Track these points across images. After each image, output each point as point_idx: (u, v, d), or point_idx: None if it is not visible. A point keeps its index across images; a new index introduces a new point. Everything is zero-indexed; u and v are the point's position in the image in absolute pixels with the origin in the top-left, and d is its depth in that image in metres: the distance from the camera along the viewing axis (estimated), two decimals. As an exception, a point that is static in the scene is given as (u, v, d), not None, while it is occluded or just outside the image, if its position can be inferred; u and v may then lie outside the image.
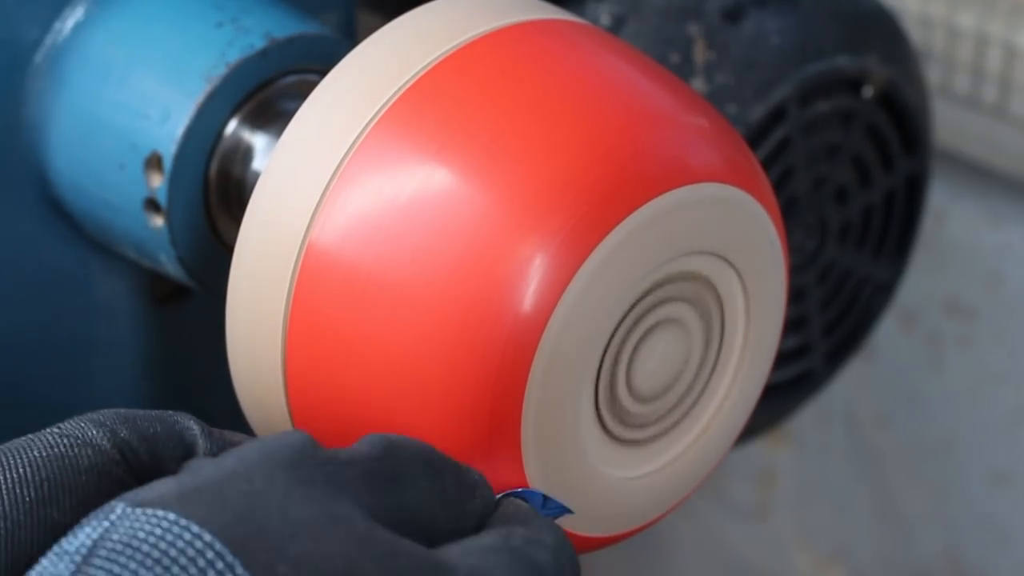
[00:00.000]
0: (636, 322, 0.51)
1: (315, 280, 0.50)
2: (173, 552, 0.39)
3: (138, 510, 0.40)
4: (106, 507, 0.41)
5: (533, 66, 0.51)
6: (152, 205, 0.58)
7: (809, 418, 1.11)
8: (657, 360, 0.53)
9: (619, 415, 0.52)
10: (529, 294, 0.48)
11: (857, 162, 0.75)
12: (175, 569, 0.38)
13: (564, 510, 0.50)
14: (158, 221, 0.58)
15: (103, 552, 0.39)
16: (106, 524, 0.40)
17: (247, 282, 0.52)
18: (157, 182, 0.57)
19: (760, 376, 0.57)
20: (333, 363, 0.50)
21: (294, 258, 0.51)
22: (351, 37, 0.66)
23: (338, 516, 0.41)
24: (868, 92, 0.73)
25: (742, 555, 1.20)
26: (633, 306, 0.51)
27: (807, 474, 1.15)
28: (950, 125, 0.97)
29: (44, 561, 0.40)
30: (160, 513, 0.39)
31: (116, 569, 0.38)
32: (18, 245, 0.61)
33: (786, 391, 0.77)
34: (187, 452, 0.46)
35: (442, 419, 0.49)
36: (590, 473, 0.52)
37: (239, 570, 0.39)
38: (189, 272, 0.59)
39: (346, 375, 0.50)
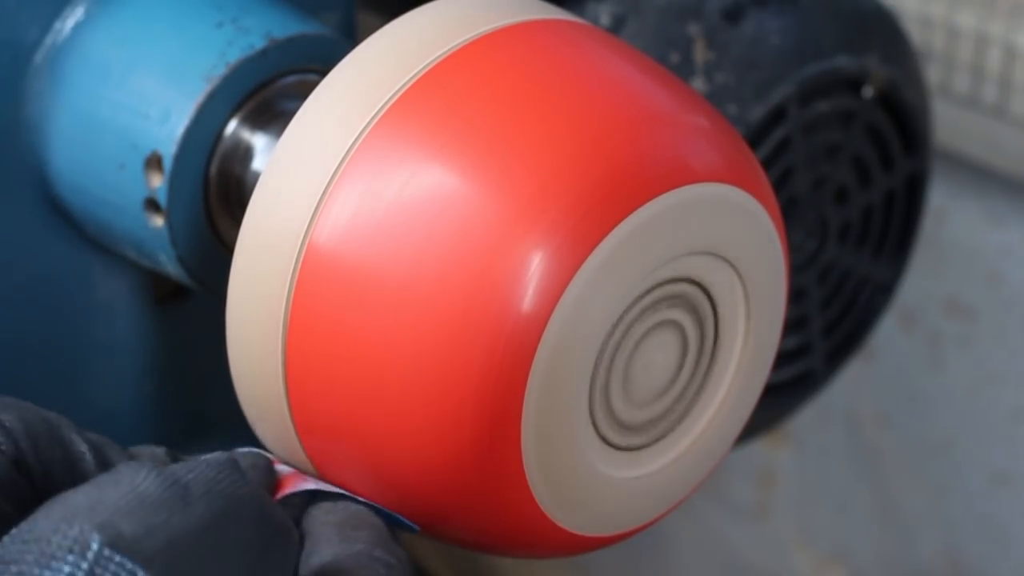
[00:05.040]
0: (632, 324, 0.51)
1: (315, 280, 0.50)
2: None
3: (116, 555, 0.42)
4: (83, 540, 0.42)
5: (533, 66, 0.51)
6: (152, 205, 0.58)
7: (809, 418, 1.11)
8: (653, 363, 0.53)
9: (617, 416, 0.52)
10: (529, 293, 0.48)
11: (857, 162, 0.75)
12: None
13: (405, 526, 0.51)
14: (158, 221, 0.58)
15: None
16: (84, 567, 0.41)
17: (247, 282, 0.52)
18: (157, 182, 0.57)
19: (760, 376, 0.57)
20: (333, 363, 0.50)
21: (294, 258, 0.50)
22: (351, 37, 0.66)
23: None
24: (868, 92, 0.73)
25: (742, 555, 1.20)
26: (631, 307, 0.51)
27: (807, 474, 1.15)
28: (950, 125, 0.97)
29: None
30: (129, 566, 0.41)
31: None
32: (18, 245, 0.61)
33: (786, 391, 0.77)
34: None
35: (442, 419, 0.49)
36: (590, 473, 0.52)
37: None
38: (189, 272, 0.59)
39: (346, 375, 0.50)
